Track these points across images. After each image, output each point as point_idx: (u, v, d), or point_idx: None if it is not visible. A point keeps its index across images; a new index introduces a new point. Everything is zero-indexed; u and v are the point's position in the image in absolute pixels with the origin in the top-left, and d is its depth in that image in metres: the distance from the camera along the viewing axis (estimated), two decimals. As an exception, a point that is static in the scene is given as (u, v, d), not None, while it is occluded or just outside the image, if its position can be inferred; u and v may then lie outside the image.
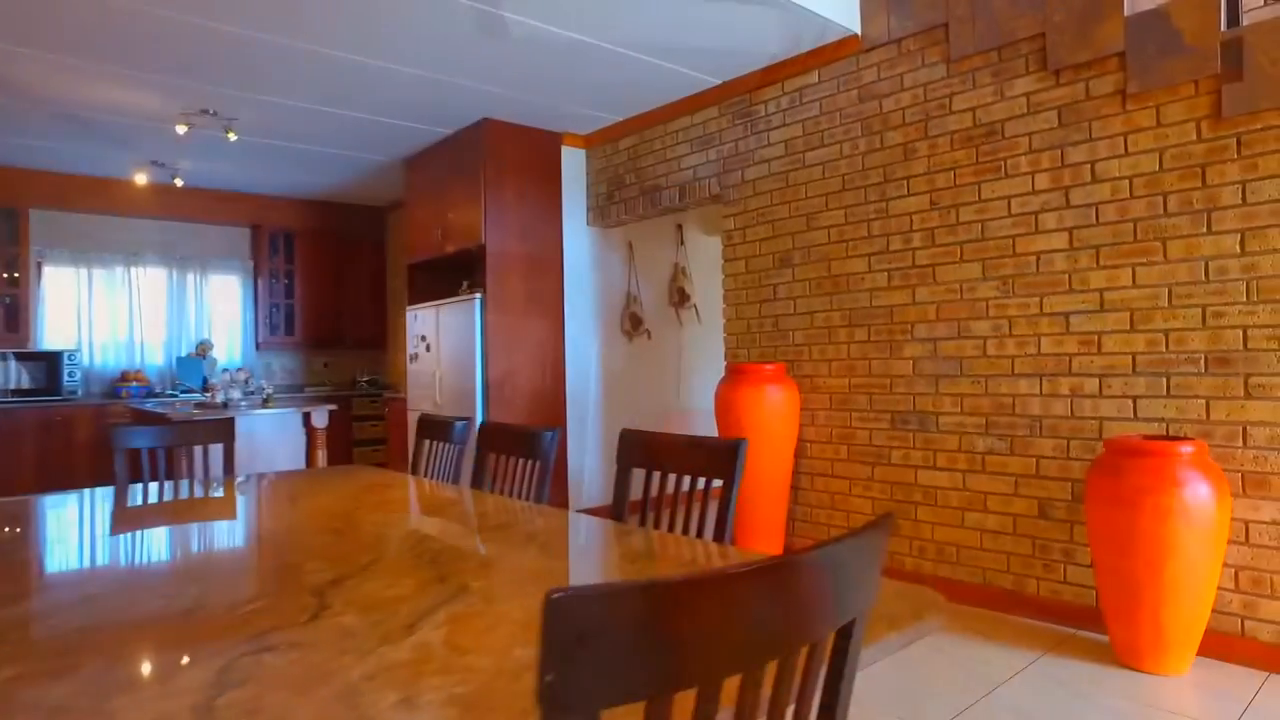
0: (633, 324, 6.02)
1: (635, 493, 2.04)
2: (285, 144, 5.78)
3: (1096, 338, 3.03)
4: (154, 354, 7.28)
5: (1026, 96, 3.25)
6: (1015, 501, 3.29)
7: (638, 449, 2.02)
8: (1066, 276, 3.12)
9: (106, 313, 7.05)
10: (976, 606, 3.40)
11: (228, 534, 1.94)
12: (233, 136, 5.18)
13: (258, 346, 7.69)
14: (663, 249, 6.28)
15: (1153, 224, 2.89)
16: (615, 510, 1.99)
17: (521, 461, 2.31)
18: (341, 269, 8.01)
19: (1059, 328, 3.14)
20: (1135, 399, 2.93)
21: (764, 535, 4.06)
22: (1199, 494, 2.53)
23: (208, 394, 4.87)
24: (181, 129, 5.02)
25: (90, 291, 6.99)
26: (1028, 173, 3.24)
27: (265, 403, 4.77)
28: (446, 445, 2.78)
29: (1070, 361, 3.11)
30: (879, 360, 3.82)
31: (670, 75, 4.52)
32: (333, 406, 4.81)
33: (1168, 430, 2.86)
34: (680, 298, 6.39)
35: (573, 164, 5.72)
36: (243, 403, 4.87)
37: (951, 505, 3.52)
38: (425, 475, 2.82)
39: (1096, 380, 3.03)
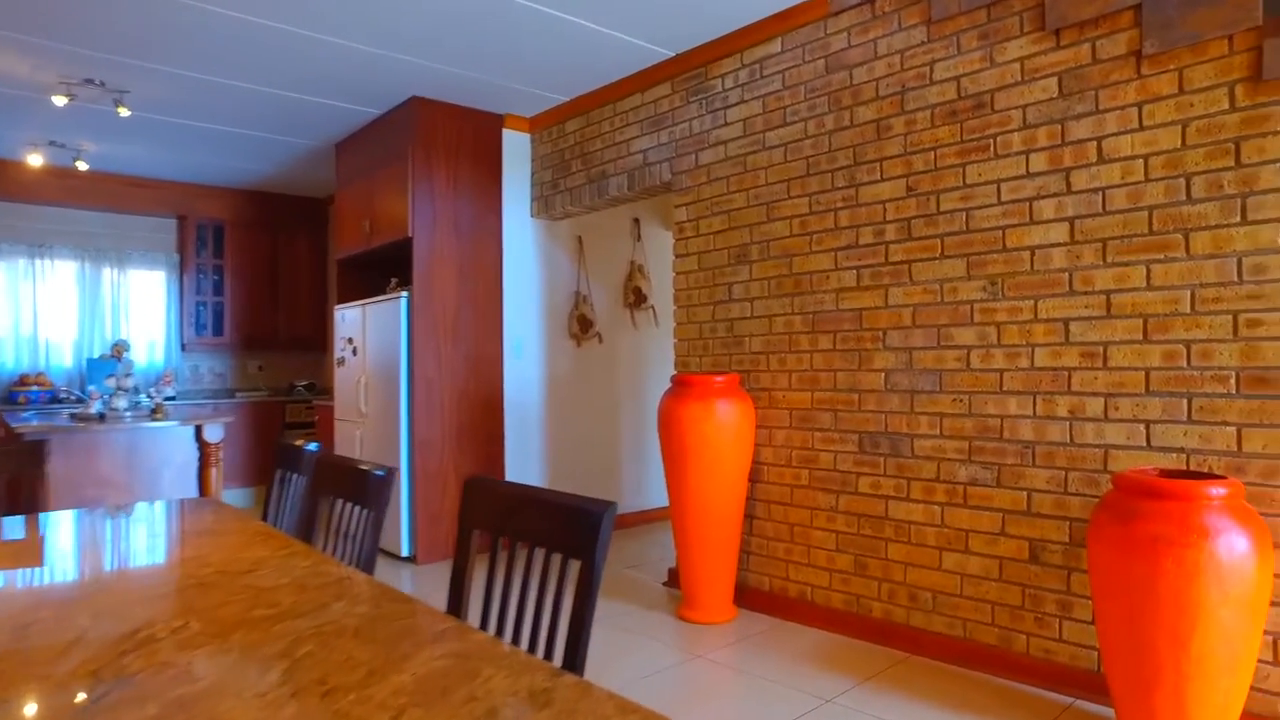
0: (582, 326, 5.47)
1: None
2: (196, 124, 5.18)
3: (1102, 349, 2.52)
4: (62, 355, 6.63)
5: (1020, 62, 2.74)
6: (1002, 542, 2.77)
7: (480, 505, 1.46)
8: (1066, 275, 2.61)
9: (8, 309, 6.40)
10: (954, 664, 2.88)
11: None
12: (124, 112, 4.57)
13: (183, 347, 7.05)
14: (617, 244, 5.73)
15: (1173, 212, 2.38)
16: (453, 589, 1.43)
17: (352, 508, 1.74)
18: (278, 264, 7.40)
19: (1057, 336, 2.62)
20: (1149, 424, 2.42)
21: (713, 573, 3.52)
22: (1234, 547, 2.01)
23: (80, 405, 4.25)
24: (60, 100, 4.41)
25: (-11, 285, 6.32)
26: (1021, 152, 2.73)
27: (154, 414, 4.18)
28: (300, 479, 2.21)
29: (1070, 377, 2.59)
30: (845, 372, 3.29)
31: (620, 47, 3.99)
32: (228, 419, 4.22)
33: (1188, 464, 2.34)
34: (636, 298, 5.84)
35: (516, 149, 5.16)
36: (128, 414, 4.27)
37: (927, 543, 2.99)
38: (277, 519, 2.25)
39: (1101, 400, 2.52)
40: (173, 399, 6.61)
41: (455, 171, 4.87)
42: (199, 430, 4.13)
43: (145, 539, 1.86)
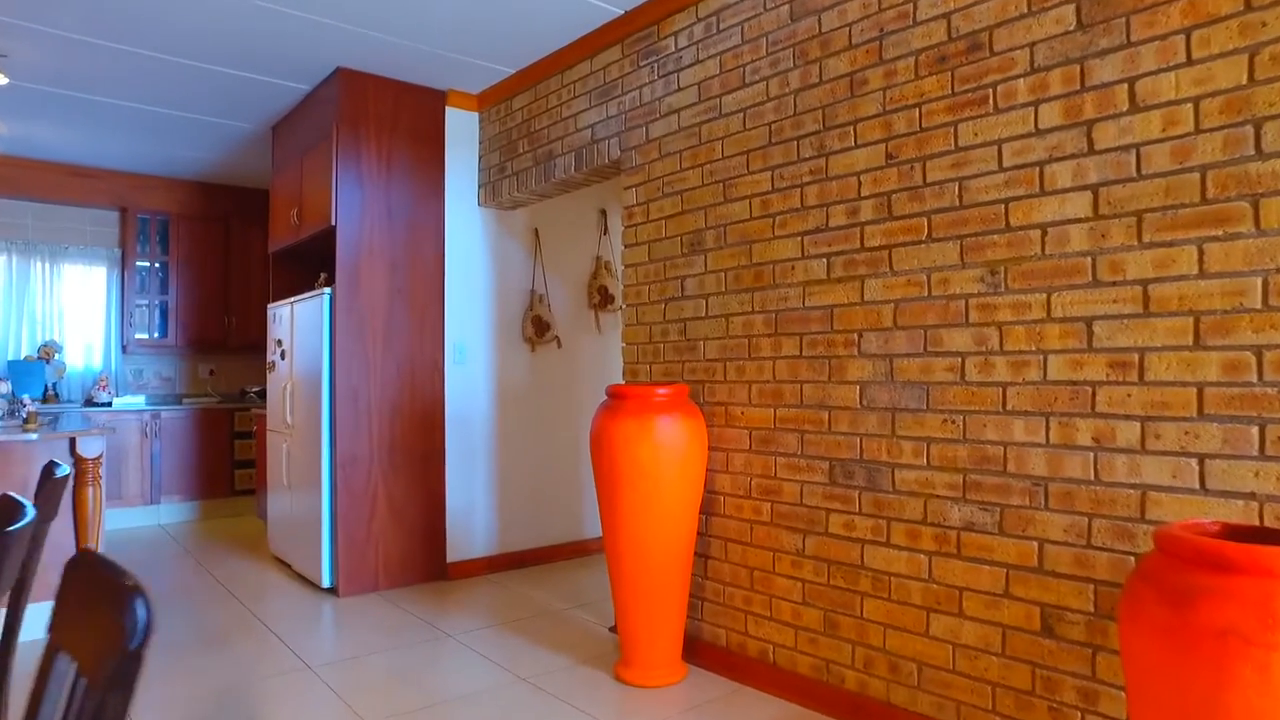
0: (538, 329, 4.87)
1: None
2: (106, 100, 4.63)
3: (1137, 357, 1.90)
4: (-14, 357, 6.10)
5: (1028, -13, 2.12)
6: (1005, 605, 2.14)
7: None
8: (1089, 261, 1.99)
9: (-75, 307, 5.89)
10: (945, 759, 2.25)
11: None
12: (1, 79, 4.02)
13: (125, 349, 6.51)
14: (580, 238, 5.14)
15: (1235, 173, 1.75)
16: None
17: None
18: (229, 262, 6.85)
19: (1077, 340, 2.00)
20: (1203, 459, 1.79)
21: (655, 625, 2.90)
22: (1337, 645, 1.38)
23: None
24: (-70, 66, 3.87)
25: (-95, 282, 5.81)
26: (1028, 104, 2.11)
27: (25, 425, 3.62)
28: None
29: (1094, 394, 1.97)
30: (813, 384, 2.68)
31: (567, 5, 3.41)
32: (110, 430, 3.66)
33: (1262, 516, 1.71)
34: (602, 298, 5.24)
35: (462, 130, 4.58)
36: (-1, 424, 3.72)
37: (912, 601, 2.37)
38: None
39: (1136, 425, 1.89)
40: (108, 405, 6.08)
41: (388, 154, 4.30)
42: (73, 444, 3.56)
43: None
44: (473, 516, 4.54)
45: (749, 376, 2.92)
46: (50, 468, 1.85)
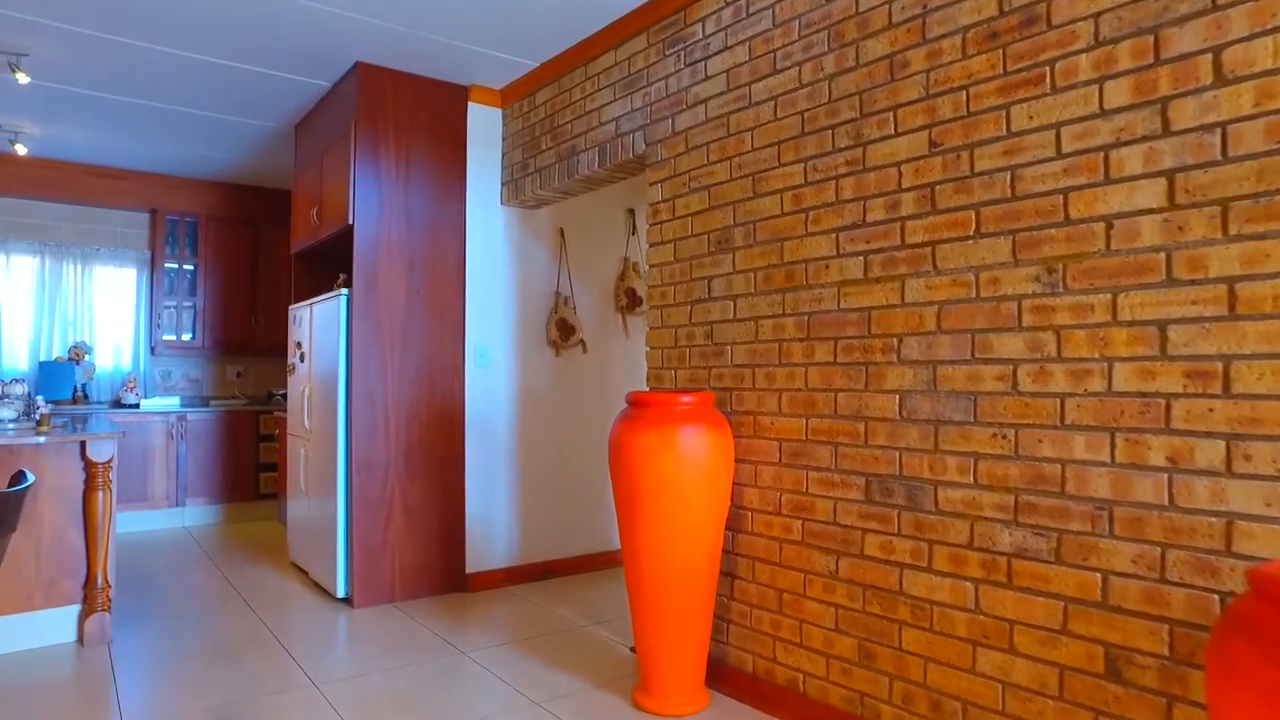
0: (562, 333, 4.71)
1: None
2: (127, 99, 4.58)
3: (1221, 366, 1.66)
4: (17, 357, 6.13)
5: (1092, -48, 1.90)
6: (1064, 643, 1.91)
7: None
8: (1163, 257, 1.75)
9: (-41, 308, 5.93)
10: (994, 811, 2.03)
11: None
12: (22, 78, 3.98)
13: (153, 351, 6.50)
14: (607, 239, 4.97)
15: (1340, 153, 1.51)
16: None
17: None
18: (257, 264, 6.82)
19: (1148, 347, 1.77)
20: (1299, 484, 1.55)
21: (676, 649, 2.71)
22: None
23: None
24: (-51, 65, 3.83)
25: (-61, 282, 5.86)
26: (1092, 81, 1.89)
27: (39, 427, 3.56)
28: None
29: (1169, 408, 1.73)
30: (849, 393, 2.47)
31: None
32: (120, 433, 3.57)
33: (1375, 553, 1.47)
34: (630, 301, 5.07)
35: (485, 127, 4.45)
36: (11, 426, 3.65)
37: (956, 634, 2.15)
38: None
39: (1221, 444, 1.66)
40: (135, 406, 6.07)
41: (408, 150, 4.17)
42: (83, 448, 3.47)
43: None
44: (493, 526, 4.39)
45: (779, 384, 2.71)
46: (17, 477, 1.72)
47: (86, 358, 6.26)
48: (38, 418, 3.69)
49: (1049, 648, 1.94)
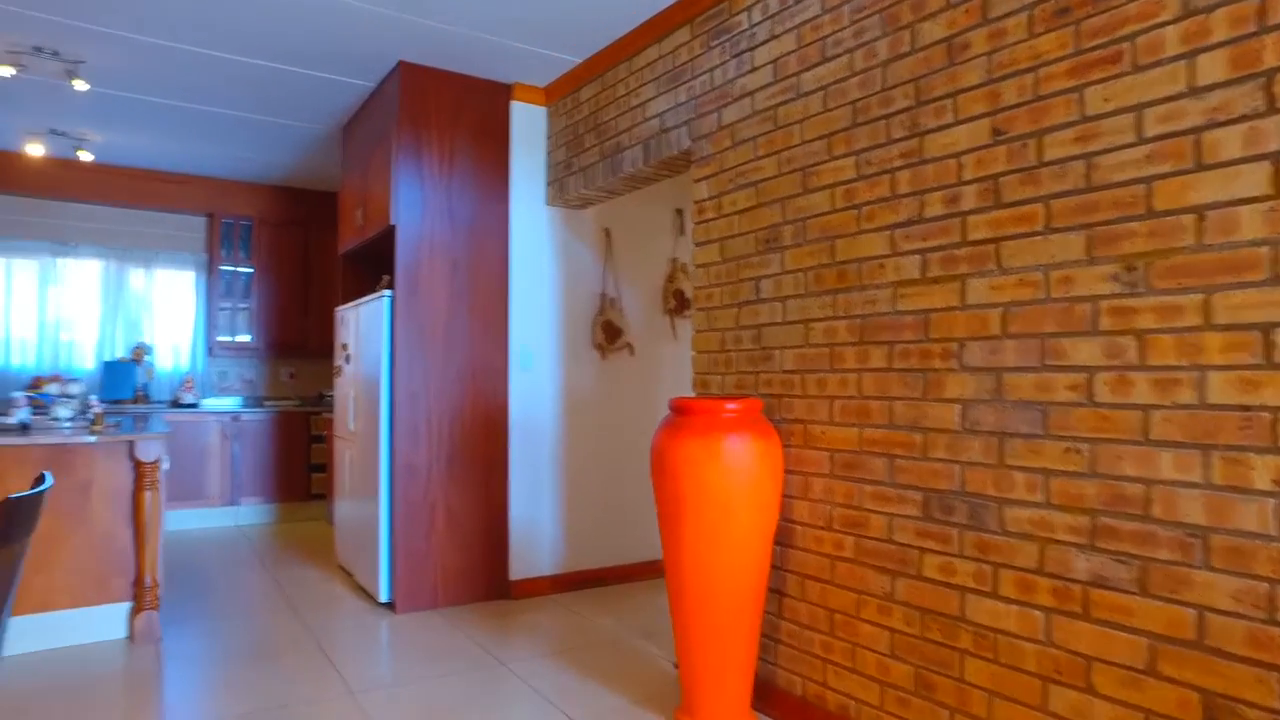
0: (608, 335, 4.61)
1: None
2: (177, 104, 4.64)
3: (1336, 378, 1.46)
4: (83, 357, 6.31)
5: (1181, -86, 1.70)
6: (1150, 685, 1.72)
7: None
8: (1266, 252, 1.56)
9: (28, 308, 6.12)
10: None
11: None
12: (80, 85, 4.05)
13: (210, 352, 6.63)
14: (655, 239, 4.85)
15: None
16: None
17: None
18: (309, 266, 6.90)
19: (1249, 354, 1.57)
20: None
21: (720, 668, 2.58)
22: None
23: (6, 415, 3.72)
24: (7, 71, 3.91)
25: (9, 284, 6.06)
26: (1180, 56, 1.69)
27: (93, 426, 3.60)
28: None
29: (1276, 423, 1.53)
30: (906, 401, 2.30)
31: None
32: (166, 433, 3.59)
33: None
34: (678, 303, 4.94)
35: (529, 125, 4.37)
36: (68, 425, 3.71)
37: (1024, 667, 1.97)
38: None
39: (1334, 467, 1.45)
40: (193, 406, 6.18)
41: (450, 150, 4.12)
42: (132, 448, 3.50)
43: None
44: (538, 532, 4.31)
45: (830, 391, 2.56)
46: (38, 479, 1.69)
47: (147, 358, 6.41)
48: (91, 417, 3.74)
49: (1133, 689, 1.75)
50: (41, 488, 1.64)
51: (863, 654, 2.42)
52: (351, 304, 4.62)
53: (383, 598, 3.98)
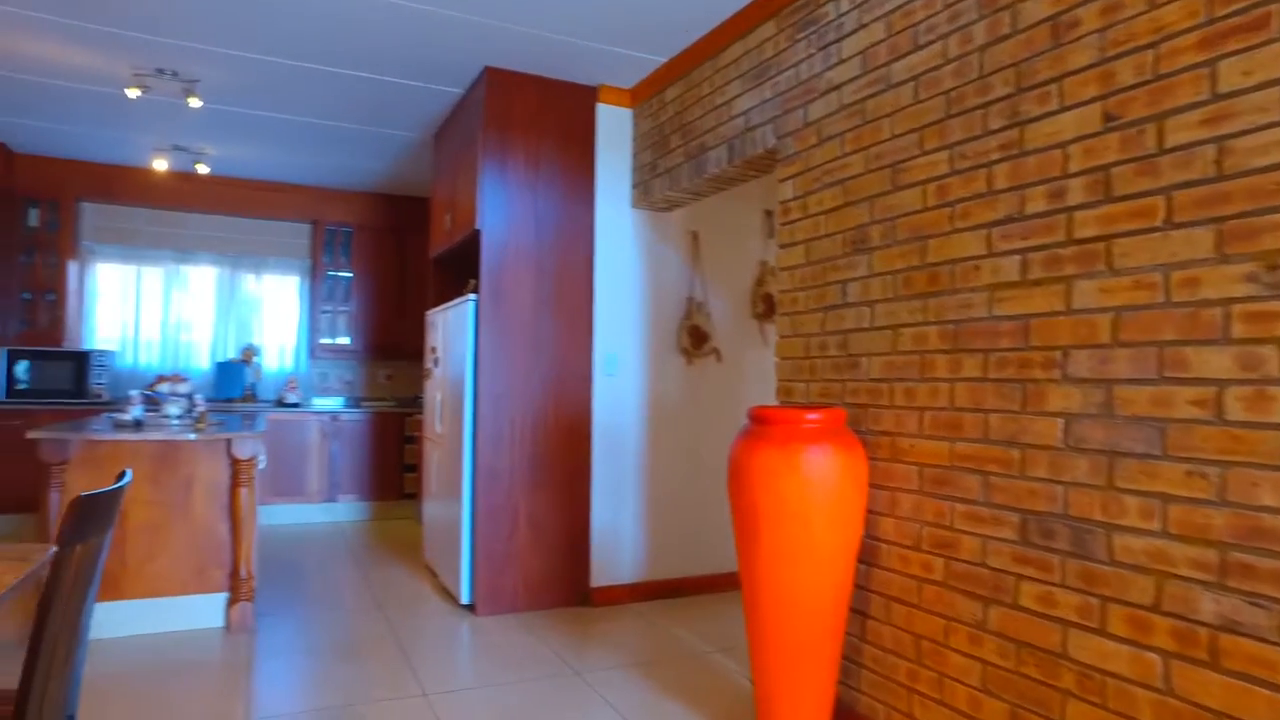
0: (694, 340, 4.52)
1: None
2: (280, 115, 4.84)
3: None
4: (200, 358, 6.69)
5: None
6: (1285, 743, 1.50)
7: None
8: None
9: (156, 313, 6.55)
10: None
11: None
12: (195, 102, 4.27)
13: (313, 354, 6.91)
14: (743, 242, 4.73)
15: None
16: None
17: None
18: (404, 269, 7.11)
19: None
20: None
21: (796, 690, 2.44)
22: None
23: (121, 411, 3.94)
24: (133, 93, 4.17)
25: (139, 289, 6.50)
26: (1333, 25, 1.47)
27: (196, 425, 3.78)
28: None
29: None
30: (1002, 414, 2.11)
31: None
32: (260, 432, 3.72)
33: None
34: (767, 307, 4.80)
35: (614, 128, 4.34)
36: (175, 423, 3.91)
37: (1139, 717, 1.76)
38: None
39: None
40: (296, 406, 6.45)
41: (536, 153, 4.13)
42: (229, 445, 3.65)
43: None
44: (619, 540, 4.25)
45: (920, 401, 2.38)
46: (119, 476, 1.74)
47: (255, 359, 6.74)
48: (195, 415, 3.93)
49: (1265, 748, 1.53)
50: (117, 485, 1.68)
51: (952, 686, 2.24)
52: (440, 308, 4.69)
53: (464, 599, 4.01)
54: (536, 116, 4.13)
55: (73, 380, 5.93)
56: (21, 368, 5.78)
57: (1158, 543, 1.72)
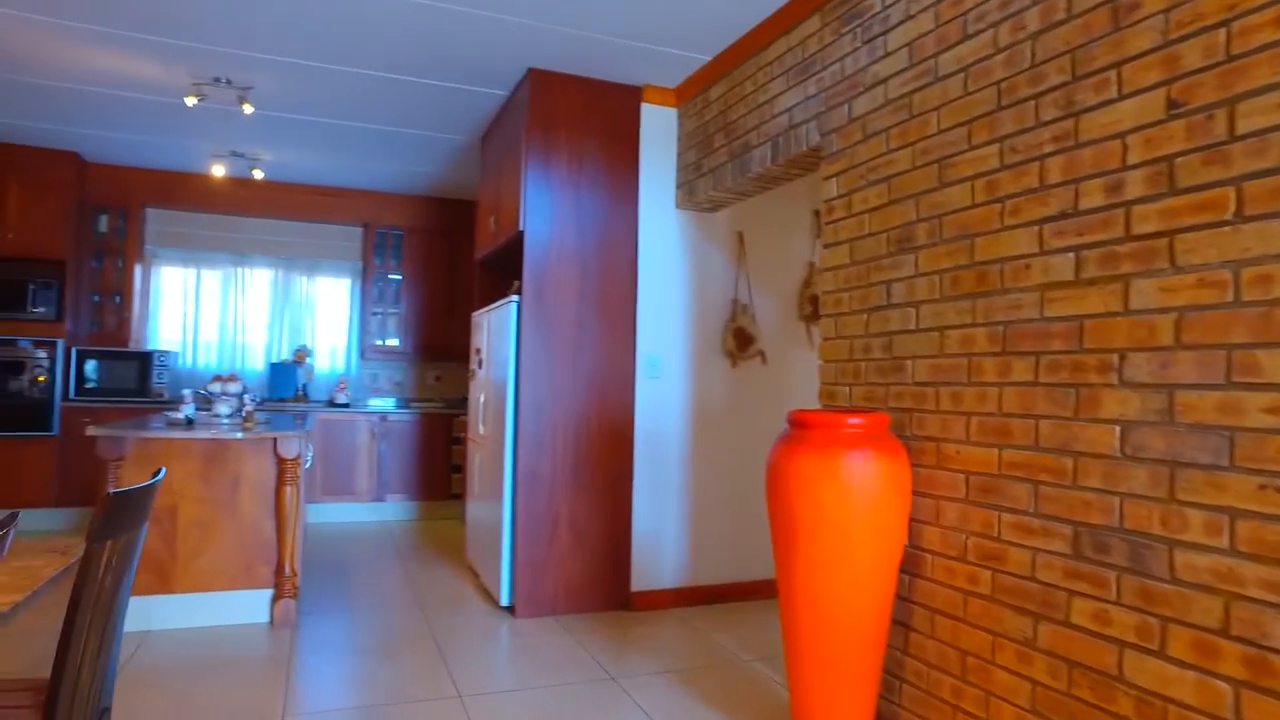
0: (740, 343, 4.45)
1: None
2: (329, 120, 4.93)
3: None
4: (255, 359, 6.86)
5: None
6: (1367, 783, 1.37)
7: None
8: None
9: (214, 314, 6.74)
10: None
11: None
12: (248, 109, 4.37)
13: (363, 355, 7.03)
14: (790, 243, 4.64)
15: None
16: None
17: None
18: (452, 272, 7.18)
19: None
20: None
21: (835, 705, 2.36)
22: None
23: (174, 409, 4.04)
24: (191, 101, 4.29)
25: (198, 292, 6.70)
26: None
27: (244, 424, 3.85)
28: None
29: None
30: (1054, 421, 2.00)
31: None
32: (305, 432, 3.78)
33: None
34: (814, 309, 4.70)
35: (659, 128, 4.30)
36: (225, 421, 3.99)
37: (1199, 743, 1.64)
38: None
39: None
40: (346, 406, 6.56)
41: (579, 156, 4.11)
42: (275, 444, 3.71)
43: None
44: (661, 544, 4.20)
45: (967, 406, 2.28)
46: (155, 473, 1.76)
47: (307, 360, 6.88)
48: (243, 415, 4.01)
49: (1344, 787, 1.40)
50: (150, 482, 1.70)
51: (998, 705, 2.13)
52: (484, 309, 4.71)
53: (504, 601, 4.00)
54: (580, 117, 4.11)
55: (136, 380, 6.13)
56: (90, 367, 6.00)
57: (1226, 561, 1.60)
